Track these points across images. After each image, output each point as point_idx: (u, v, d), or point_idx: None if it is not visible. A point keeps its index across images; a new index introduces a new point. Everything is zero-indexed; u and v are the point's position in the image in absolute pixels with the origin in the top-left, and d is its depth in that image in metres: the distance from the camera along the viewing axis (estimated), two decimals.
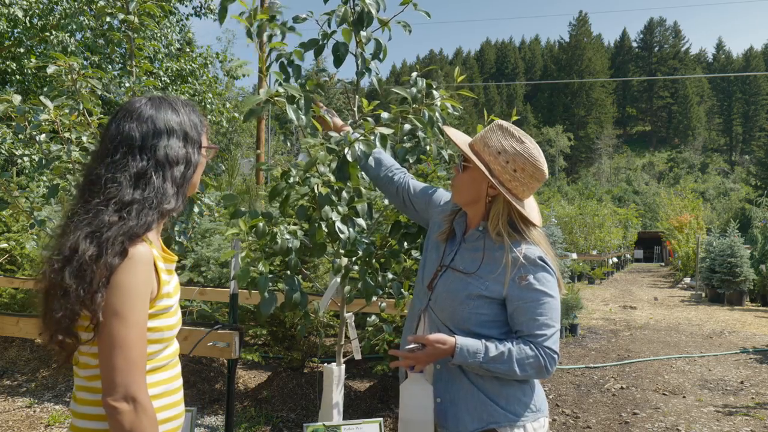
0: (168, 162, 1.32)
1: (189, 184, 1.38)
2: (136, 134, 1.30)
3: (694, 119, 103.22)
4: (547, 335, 1.56)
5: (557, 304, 1.61)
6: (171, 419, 1.34)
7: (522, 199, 1.67)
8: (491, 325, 1.61)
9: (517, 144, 1.62)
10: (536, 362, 1.55)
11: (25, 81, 11.86)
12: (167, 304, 1.30)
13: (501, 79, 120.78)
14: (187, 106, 1.42)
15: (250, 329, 5.10)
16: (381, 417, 2.96)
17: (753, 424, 4.60)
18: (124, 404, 1.16)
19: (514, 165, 1.61)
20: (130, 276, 1.19)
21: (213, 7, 13.96)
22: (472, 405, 1.60)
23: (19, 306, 5.77)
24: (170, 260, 1.39)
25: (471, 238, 1.71)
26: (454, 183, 1.74)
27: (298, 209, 2.16)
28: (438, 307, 1.67)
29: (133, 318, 1.19)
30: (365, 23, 2.23)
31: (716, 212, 46.46)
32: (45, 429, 4.15)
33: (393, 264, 2.45)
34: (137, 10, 3.08)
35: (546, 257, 1.62)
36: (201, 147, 1.42)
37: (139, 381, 1.18)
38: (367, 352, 2.71)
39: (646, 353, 7.24)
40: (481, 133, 1.70)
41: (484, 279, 1.61)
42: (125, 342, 1.17)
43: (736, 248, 12.97)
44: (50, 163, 2.71)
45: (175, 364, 1.39)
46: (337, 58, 2.25)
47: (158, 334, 1.29)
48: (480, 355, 1.54)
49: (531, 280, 1.58)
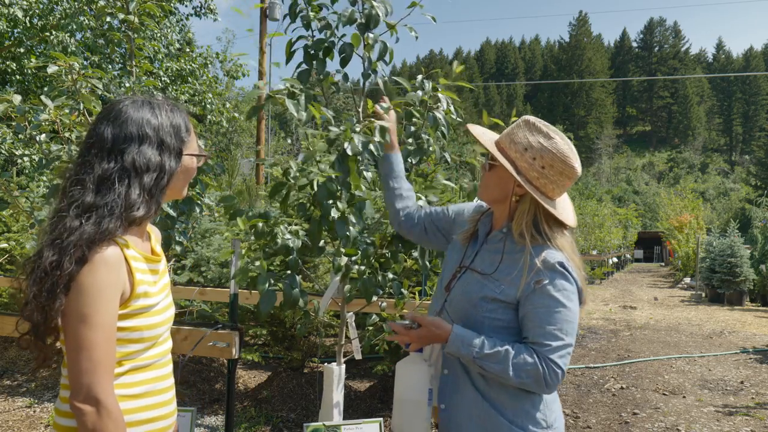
0: (135, 169, 1.27)
1: (164, 191, 1.34)
2: (108, 135, 1.28)
3: (694, 119, 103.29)
4: (552, 346, 1.44)
5: (572, 315, 1.48)
6: (156, 419, 1.33)
7: (552, 198, 1.57)
8: (506, 331, 1.52)
9: (545, 140, 1.53)
10: (534, 371, 1.43)
11: (25, 81, 11.86)
12: (145, 304, 1.29)
13: (501, 79, 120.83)
14: (173, 110, 1.38)
15: (250, 329, 5.10)
16: (381, 417, 2.96)
17: (753, 424, 4.60)
18: (86, 406, 1.16)
19: (542, 162, 1.52)
20: (91, 278, 1.18)
21: (213, 7, 13.95)
22: (476, 414, 1.52)
23: (19, 306, 5.77)
24: (154, 260, 1.37)
25: (493, 240, 1.64)
26: (480, 182, 1.68)
27: (298, 207, 2.17)
28: (453, 309, 1.61)
29: (97, 319, 1.18)
30: (372, 25, 2.26)
31: (716, 212, 46.48)
32: (45, 429, 4.15)
33: (393, 264, 2.45)
34: (137, 10, 3.08)
35: (567, 264, 1.51)
36: (181, 154, 1.37)
37: (103, 382, 1.17)
38: (367, 352, 2.71)
39: (646, 353, 7.24)
40: (507, 130, 1.62)
41: (500, 282, 1.53)
42: (89, 343, 1.17)
43: (736, 248, 12.97)
44: (50, 163, 2.71)
45: (163, 364, 1.37)
46: (344, 59, 2.27)
47: (137, 333, 1.28)
48: (474, 349, 1.46)
49: (546, 285, 1.47)
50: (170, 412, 1.38)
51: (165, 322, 1.37)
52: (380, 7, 2.25)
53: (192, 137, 1.42)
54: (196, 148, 1.44)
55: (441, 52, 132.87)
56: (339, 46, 2.28)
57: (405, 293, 2.60)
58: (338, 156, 2.08)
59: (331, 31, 2.27)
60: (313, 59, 2.26)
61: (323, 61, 2.27)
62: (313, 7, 2.26)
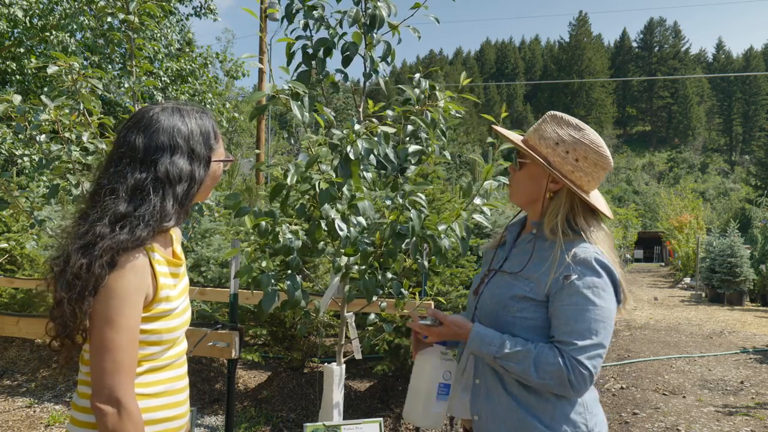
0: (169, 179, 1.28)
1: (193, 200, 1.35)
2: (140, 145, 1.28)
3: (694, 119, 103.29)
4: (578, 346, 1.35)
5: (603, 314, 1.38)
6: (173, 418, 1.35)
7: (587, 192, 1.51)
8: (539, 331, 1.44)
9: (576, 132, 1.49)
10: (558, 372, 1.34)
11: (25, 81, 11.87)
12: (166, 308, 1.31)
13: (501, 79, 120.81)
14: (202, 118, 1.39)
15: (250, 329, 5.10)
16: (381, 417, 2.96)
17: (753, 424, 4.60)
18: (108, 407, 1.18)
19: (575, 154, 1.47)
20: (119, 282, 1.21)
21: (213, 7, 13.96)
22: (511, 423, 1.44)
23: (19, 306, 5.78)
24: (176, 264, 1.39)
25: (523, 242, 1.58)
26: (511, 183, 1.60)
27: (298, 208, 2.17)
28: (483, 313, 1.55)
29: (122, 322, 1.20)
30: (376, 26, 2.26)
31: (716, 212, 46.47)
32: (45, 429, 4.15)
33: (392, 263, 2.45)
34: (137, 10, 3.08)
35: (602, 258, 1.42)
36: (209, 162, 1.38)
37: (125, 384, 1.20)
38: (367, 352, 2.71)
39: (646, 353, 7.24)
40: (533, 127, 1.56)
41: (529, 280, 1.46)
42: (113, 345, 1.19)
43: (736, 248, 12.96)
44: (50, 163, 2.71)
45: (179, 364, 1.40)
46: (347, 58, 2.27)
47: (156, 336, 1.30)
48: (494, 348, 1.40)
49: (575, 281, 1.39)
50: (185, 412, 1.41)
51: (183, 325, 1.39)
52: (384, 7, 2.25)
53: (220, 143, 1.43)
54: (223, 154, 1.44)
55: (441, 52, 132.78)
56: (341, 45, 2.28)
57: (405, 293, 2.60)
58: (341, 160, 2.08)
59: (333, 30, 2.27)
60: (312, 59, 2.26)
61: (323, 60, 2.27)
62: (308, 7, 2.26)
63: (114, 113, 12.38)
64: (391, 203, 2.39)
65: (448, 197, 5.85)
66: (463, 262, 5.27)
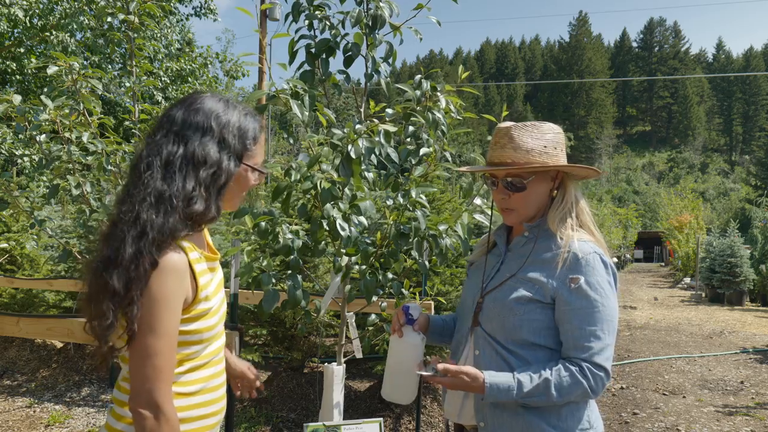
0: (194, 159, 1.26)
1: (222, 192, 1.31)
2: (178, 118, 1.29)
3: (694, 119, 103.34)
4: (594, 349, 1.39)
5: (611, 313, 1.42)
6: (208, 416, 1.35)
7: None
8: (546, 333, 1.46)
9: (537, 130, 1.53)
10: (579, 387, 1.39)
11: (25, 81, 11.87)
12: (205, 307, 1.30)
13: (501, 79, 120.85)
14: (247, 115, 1.37)
15: (250, 329, 5.10)
16: (381, 417, 2.96)
17: (753, 424, 4.60)
18: (146, 411, 1.18)
19: (556, 145, 1.53)
20: (160, 286, 1.20)
21: (213, 7, 13.97)
22: (518, 427, 1.46)
23: (19, 306, 5.78)
24: (213, 258, 1.38)
25: (517, 246, 1.59)
26: (509, 206, 1.56)
27: (299, 208, 2.16)
28: (486, 319, 1.54)
29: (162, 328, 1.20)
30: (378, 26, 2.26)
31: (716, 212, 46.48)
32: (45, 429, 4.15)
33: (393, 263, 2.45)
34: (137, 10, 3.08)
35: (605, 256, 1.47)
36: (241, 158, 1.34)
37: (164, 389, 1.20)
38: (367, 352, 2.71)
39: (646, 353, 7.24)
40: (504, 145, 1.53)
41: (533, 282, 1.47)
42: (154, 351, 1.19)
43: (736, 248, 12.97)
44: (50, 163, 2.71)
45: (217, 362, 1.39)
46: (349, 59, 2.28)
47: (197, 336, 1.30)
48: (513, 393, 1.40)
49: (582, 285, 1.42)
50: (222, 408, 1.41)
51: (221, 321, 1.38)
52: (386, 8, 2.25)
53: (258, 150, 1.40)
54: (258, 162, 1.41)
55: (441, 53, 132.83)
56: (344, 45, 2.28)
57: (405, 293, 2.60)
58: (342, 160, 2.08)
59: (336, 30, 2.27)
60: (316, 59, 2.26)
61: (326, 61, 2.27)
62: (314, 7, 2.27)
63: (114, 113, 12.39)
64: (392, 203, 2.39)
65: (448, 197, 5.85)
66: (463, 262, 5.27)
